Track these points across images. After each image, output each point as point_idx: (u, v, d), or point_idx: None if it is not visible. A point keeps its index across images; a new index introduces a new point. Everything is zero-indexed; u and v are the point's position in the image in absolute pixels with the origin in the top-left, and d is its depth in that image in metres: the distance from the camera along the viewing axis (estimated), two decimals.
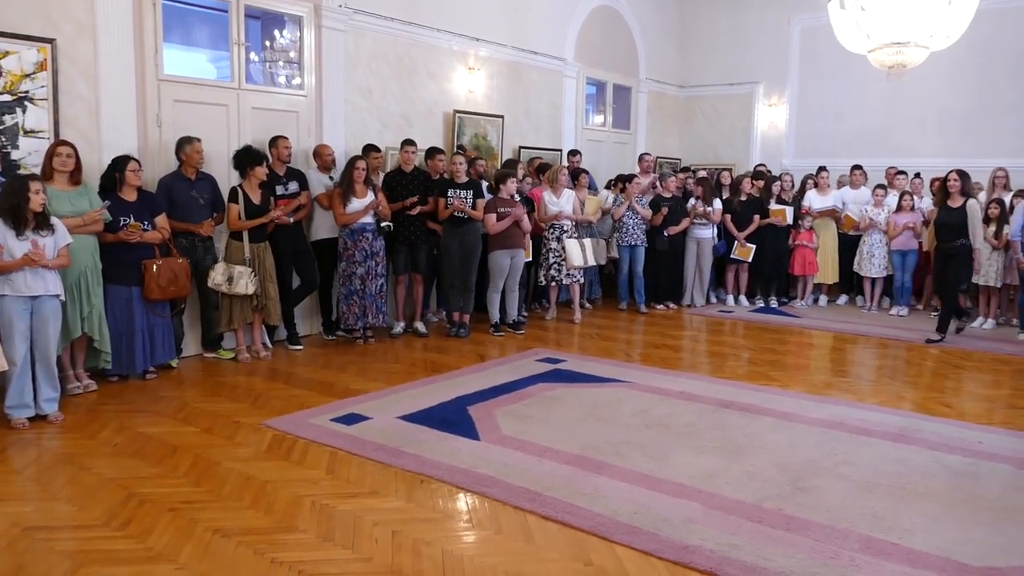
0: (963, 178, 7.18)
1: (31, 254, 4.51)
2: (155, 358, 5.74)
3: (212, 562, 3.10)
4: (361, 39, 7.53)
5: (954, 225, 7.16)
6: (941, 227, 7.31)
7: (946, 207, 7.27)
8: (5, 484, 3.83)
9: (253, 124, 6.71)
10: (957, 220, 7.14)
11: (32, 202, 4.53)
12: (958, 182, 7.17)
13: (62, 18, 5.50)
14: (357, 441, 4.46)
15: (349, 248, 6.76)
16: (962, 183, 7.17)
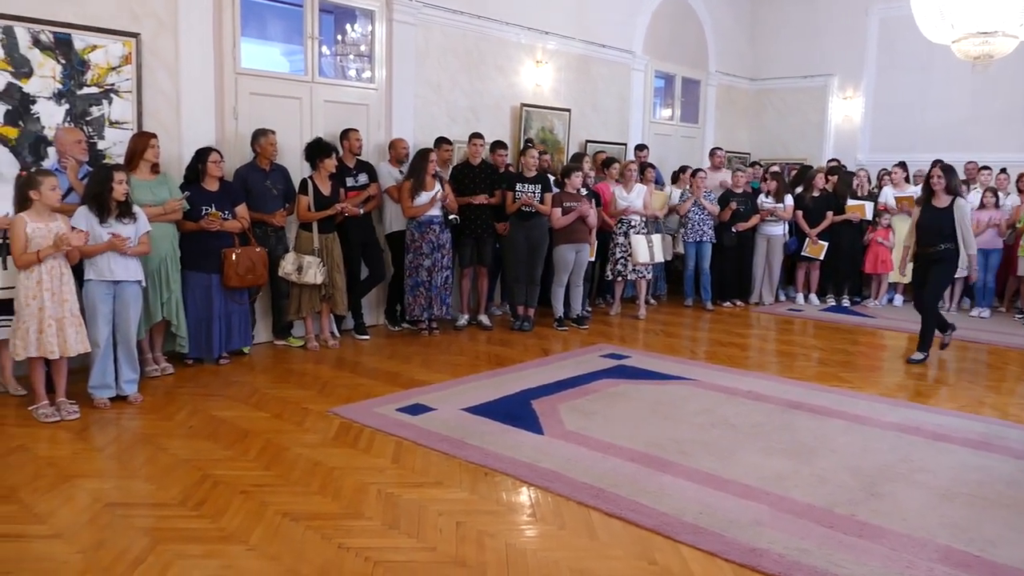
0: (948, 174, 6.28)
1: (114, 239, 4.68)
2: (231, 344, 5.91)
3: (281, 545, 3.17)
4: (430, 33, 7.59)
5: (939, 228, 6.23)
6: (924, 230, 6.36)
7: (930, 207, 6.36)
8: (88, 461, 4.00)
9: (325, 117, 6.83)
10: (943, 222, 6.22)
11: (116, 191, 4.69)
12: (943, 179, 6.27)
13: (145, 13, 5.69)
14: (422, 431, 4.50)
15: (416, 240, 6.83)
16: (947, 180, 6.26)
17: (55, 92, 5.33)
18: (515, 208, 7.13)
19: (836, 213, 8.91)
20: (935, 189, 6.32)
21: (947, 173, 6.29)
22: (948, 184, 6.26)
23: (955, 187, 6.30)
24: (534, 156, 7.23)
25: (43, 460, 3.96)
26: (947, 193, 6.27)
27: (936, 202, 6.33)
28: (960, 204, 6.27)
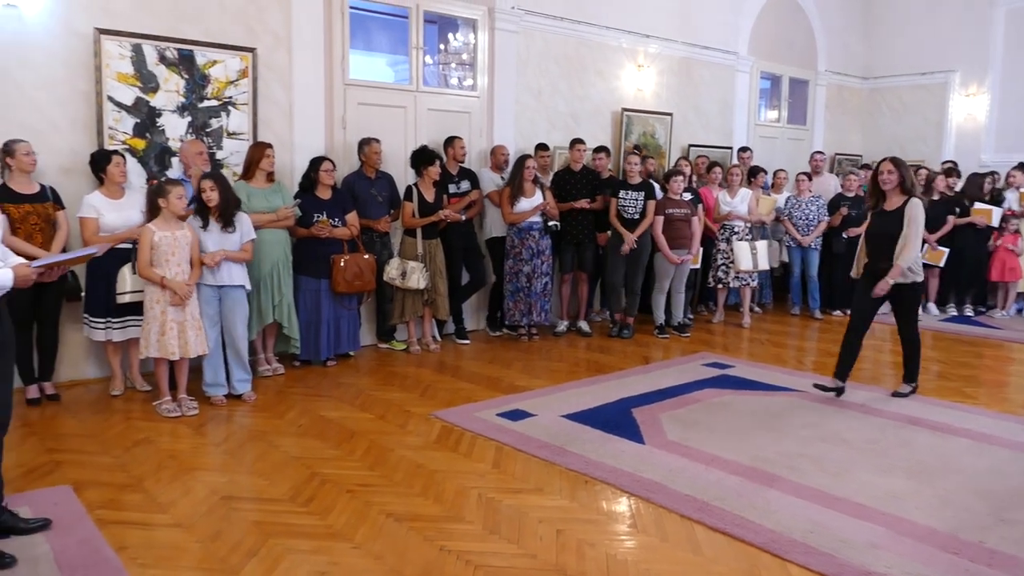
0: (900, 169, 5.11)
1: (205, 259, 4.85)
2: (339, 347, 6.09)
3: (385, 544, 3.23)
4: (532, 40, 7.62)
5: (891, 237, 5.09)
6: (873, 240, 5.26)
7: (880, 212, 5.23)
8: (205, 455, 4.20)
9: (428, 125, 6.96)
10: (894, 228, 5.10)
11: (208, 199, 4.88)
12: (894, 174, 5.10)
13: (262, 29, 5.95)
14: (522, 437, 4.51)
15: (516, 246, 6.87)
16: (900, 175, 5.09)
17: (178, 105, 5.64)
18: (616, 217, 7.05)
19: (959, 216, 8.41)
20: (884, 188, 5.16)
21: (899, 168, 5.12)
22: (901, 181, 5.10)
23: (910, 185, 5.13)
24: (636, 162, 7.13)
25: (165, 453, 4.18)
26: (901, 193, 5.13)
27: (887, 205, 5.18)
28: (913, 205, 5.05)
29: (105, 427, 4.56)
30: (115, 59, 5.32)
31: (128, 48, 5.37)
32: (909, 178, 5.12)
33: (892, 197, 5.15)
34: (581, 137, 7.41)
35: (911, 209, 5.04)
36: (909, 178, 5.12)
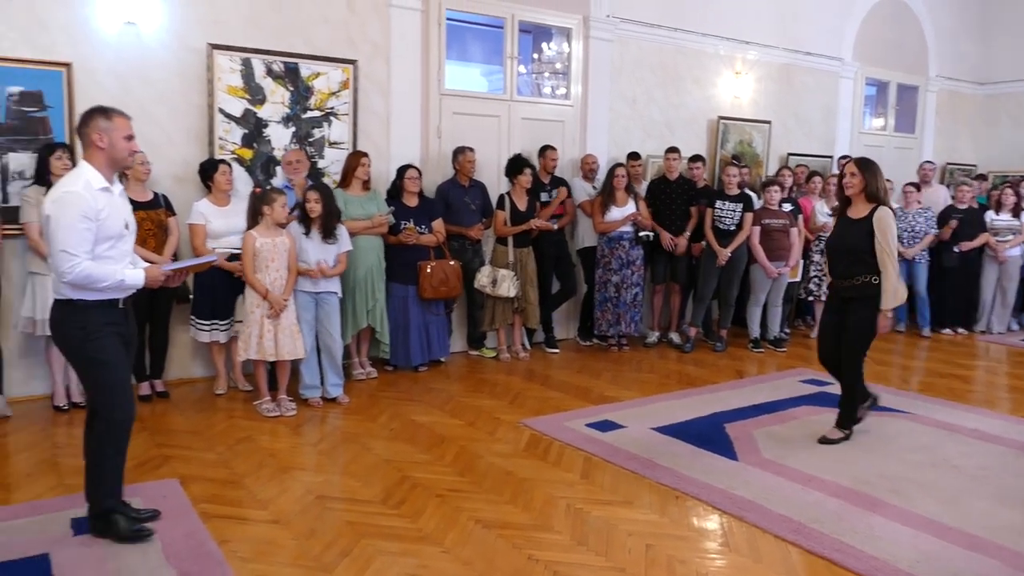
0: (865, 171, 4.42)
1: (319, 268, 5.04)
2: (430, 353, 6.18)
3: (474, 550, 3.25)
4: (626, 48, 7.57)
5: (853, 250, 4.44)
6: (834, 253, 4.64)
7: (845, 219, 4.57)
8: (302, 455, 4.33)
9: (522, 134, 7.01)
10: (859, 241, 4.42)
11: (311, 210, 5.05)
12: (856, 177, 4.43)
13: (362, 41, 6.12)
14: (611, 448, 4.46)
15: (606, 255, 6.82)
16: (864, 180, 4.41)
17: (283, 116, 5.86)
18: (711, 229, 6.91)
19: None
20: (848, 193, 4.52)
21: (864, 171, 4.42)
22: (866, 186, 4.41)
23: (876, 190, 4.42)
24: (734, 174, 6.95)
25: (265, 451, 4.33)
26: (867, 200, 4.46)
27: (851, 212, 4.53)
28: (882, 215, 4.37)
29: (209, 424, 4.76)
30: (226, 73, 5.58)
31: (238, 62, 5.62)
32: (875, 183, 4.40)
33: (857, 204, 4.48)
34: (676, 146, 7.30)
35: (879, 220, 4.34)
36: (875, 183, 4.40)
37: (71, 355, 3.17)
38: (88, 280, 3.01)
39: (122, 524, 3.21)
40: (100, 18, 5.15)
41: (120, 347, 3.18)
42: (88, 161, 3.11)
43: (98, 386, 3.17)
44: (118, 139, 3.12)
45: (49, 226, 3.01)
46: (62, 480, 3.86)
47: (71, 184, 3.04)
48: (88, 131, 3.10)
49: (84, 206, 2.99)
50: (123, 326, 3.21)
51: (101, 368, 3.12)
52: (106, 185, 3.10)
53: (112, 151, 3.12)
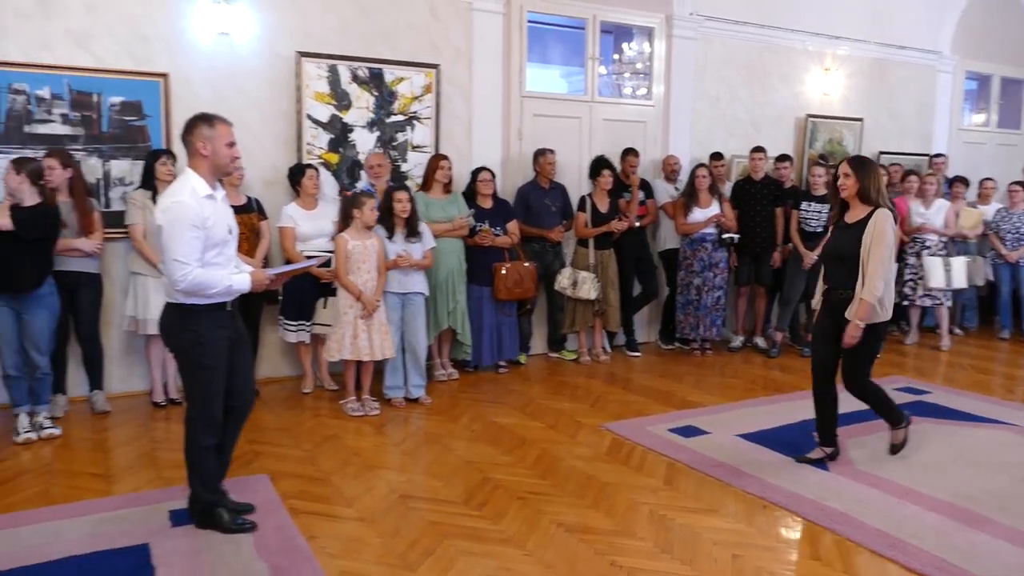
0: (860, 171, 3.99)
1: (399, 257, 5.11)
2: (503, 354, 6.19)
3: (556, 554, 3.23)
4: (710, 46, 7.42)
5: (848, 257, 4.02)
6: (828, 261, 4.24)
7: (841, 224, 4.17)
8: (386, 454, 4.40)
9: (603, 135, 6.95)
10: (849, 247, 4.02)
11: (396, 210, 5.13)
12: (850, 178, 4.01)
13: (445, 45, 6.19)
14: (695, 455, 4.37)
15: (688, 257, 6.70)
16: (859, 181, 3.98)
17: (368, 121, 5.97)
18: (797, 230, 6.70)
19: None
20: (842, 195, 4.09)
21: (859, 171, 4.00)
22: (861, 187, 3.98)
23: (872, 191, 3.98)
24: (820, 174, 6.71)
25: (350, 450, 4.42)
26: (862, 202, 4.03)
27: (848, 216, 4.12)
28: (878, 219, 3.94)
29: (297, 422, 4.89)
30: (314, 79, 5.72)
31: (325, 69, 5.76)
32: (871, 184, 3.97)
33: (854, 207, 4.07)
34: (761, 145, 7.11)
35: (876, 224, 3.92)
36: (871, 184, 3.97)
37: (179, 356, 3.30)
38: (199, 287, 3.13)
39: (225, 517, 3.34)
40: (196, 30, 5.36)
41: (225, 353, 3.29)
42: (193, 169, 3.21)
43: (198, 388, 3.29)
44: (220, 146, 3.21)
45: (161, 236, 3.13)
46: (160, 473, 4.02)
47: (178, 194, 3.15)
48: (192, 139, 3.20)
49: (191, 215, 3.09)
50: (230, 328, 3.33)
51: (204, 372, 3.25)
52: (210, 192, 3.21)
53: (215, 158, 3.21)
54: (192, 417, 3.31)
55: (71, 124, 5.06)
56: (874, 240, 3.91)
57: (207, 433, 3.31)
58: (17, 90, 4.88)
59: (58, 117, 5.02)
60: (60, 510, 3.55)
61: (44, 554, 3.11)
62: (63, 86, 5.01)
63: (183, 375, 3.34)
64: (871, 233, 3.92)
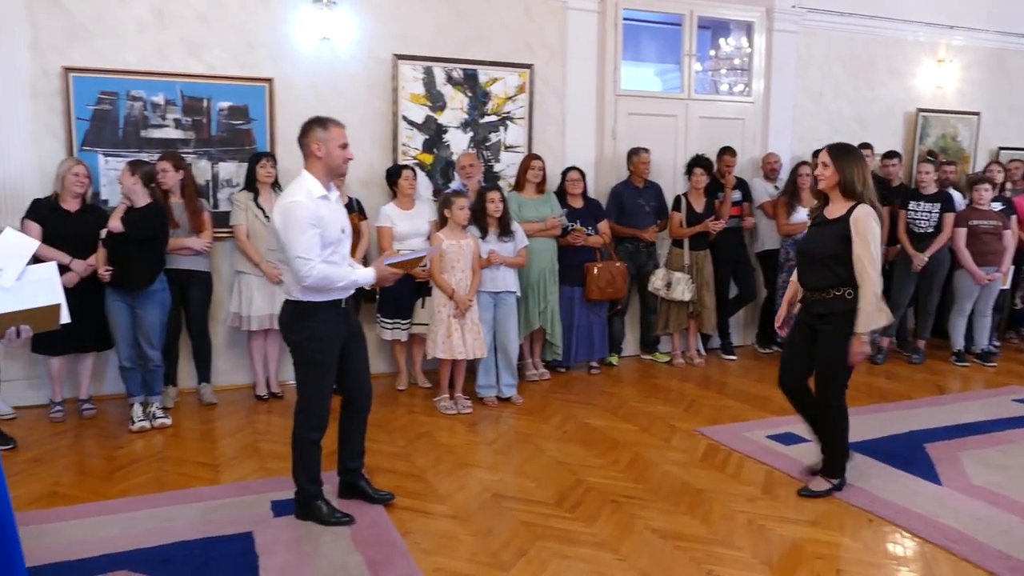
0: (838, 160, 3.57)
1: (491, 255, 5.13)
2: (593, 354, 6.14)
3: (651, 560, 3.17)
4: (813, 39, 7.15)
5: (823, 255, 3.64)
6: (803, 260, 3.82)
7: (820, 220, 3.73)
8: (478, 453, 4.42)
9: (699, 133, 6.80)
10: (826, 246, 3.63)
11: (488, 209, 5.14)
12: (829, 168, 3.60)
13: (539, 45, 6.18)
14: (795, 463, 4.21)
15: (791, 259, 6.46)
16: (840, 171, 3.57)
17: (462, 122, 6.03)
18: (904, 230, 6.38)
19: None
20: (821, 187, 3.70)
21: (839, 159, 3.58)
22: (842, 178, 3.58)
23: (854, 183, 3.56)
24: (928, 171, 6.37)
25: (443, 447, 4.46)
26: (843, 196, 3.62)
27: (828, 211, 3.70)
28: (860, 215, 3.52)
29: (392, 419, 4.97)
30: (409, 81, 5.82)
31: (420, 71, 5.84)
32: (853, 175, 3.55)
33: (835, 201, 3.66)
34: (868, 142, 6.80)
35: (857, 221, 3.51)
36: (853, 175, 3.55)
37: (294, 350, 3.42)
38: (325, 281, 3.24)
39: (324, 510, 3.44)
40: (299, 35, 5.53)
41: (337, 350, 3.40)
42: (308, 170, 3.33)
43: (309, 382, 3.39)
44: (334, 148, 3.31)
45: (281, 237, 3.24)
46: (263, 464, 4.16)
47: (295, 194, 3.26)
48: (307, 141, 3.31)
49: (308, 214, 3.20)
50: (345, 325, 3.44)
51: (316, 367, 3.36)
52: (325, 193, 3.31)
53: (329, 159, 3.31)
54: (301, 410, 3.42)
55: (183, 128, 5.30)
56: (859, 240, 3.49)
57: (314, 427, 3.42)
58: (135, 97, 5.16)
59: (171, 122, 5.27)
60: (171, 496, 3.72)
61: (157, 538, 3.27)
62: (176, 92, 5.25)
63: (296, 369, 3.44)
64: (854, 232, 3.50)
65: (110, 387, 5.24)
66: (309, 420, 3.41)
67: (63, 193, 4.69)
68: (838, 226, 3.57)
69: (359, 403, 3.61)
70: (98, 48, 5.06)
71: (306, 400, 3.41)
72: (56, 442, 4.47)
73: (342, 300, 3.38)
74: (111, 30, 5.08)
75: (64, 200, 4.70)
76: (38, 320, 2.44)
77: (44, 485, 3.84)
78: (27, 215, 4.65)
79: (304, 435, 3.42)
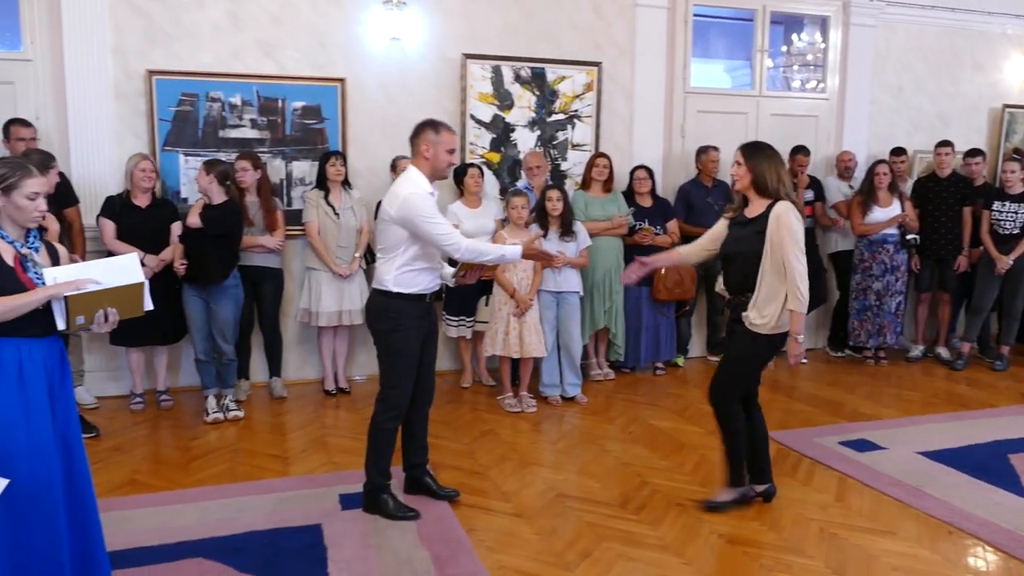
0: (753, 160, 3.44)
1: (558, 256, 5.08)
2: (659, 355, 6.07)
3: (718, 566, 3.11)
4: (892, 33, 6.92)
5: (743, 256, 3.47)
6: (726, 262, 3.64)
7: (741, 220, 3.55)
8: (542, 452, 4.41)
9: (770, 131, 6.63)
10: (747, 245, 3.45)
11: (553, 208, 5.13)
12: (742, 167, 3.46)
13: (607, 43, 6.14)
14: (869, 471, 4.08)
15: (866, 260, 6.27)
16: (752, 170, 3.44)
17: (529, 120, 6.03)
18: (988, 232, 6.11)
19: None
20: (736, 188, 3.57)
21: (752, 157, 3.46)
22: (755, 176, 3.44)
23: (768, 181, 3.41)
24: (1014, 170, 6.08)
25: (507, 445, 4.47)
26: (759, 194, 3.46)
27: (747, 211, 3.54)
28: (779, 212, 3.36)
29: (456, 416, 5.01)
30: (478, 80, 5.85)
31: (489, 70, 5.86)
32: (766, 173, 3.42)
33: (752, 201, 3.51)
34: (949, 139, 6.54)
35: (778, 219, 3.35)
36: (766, 173, 3.42)
37: (377, 339, 3.52)
38: (476, 251, 3.40)
39: (391, 504, 3.50)
40: (370, 36, 5.61)
41: (418, 341, 3.48)
42: (416, 167, 3.45)
43: (390, 370, 3.48)
44: (441, 152, 3.42)
45: (412, 226, 3.31)
46: (331, 458, 4.24)
47: (409, 186, 3.37)
48: (418, 141, 3.43)
49: (429, 201, 3.34)
50: (426, 320, 3.51)
51: (398, 357, 3.44)
52: (431, 190, 3.43)
53: (435, 162, 3.43)
54: (381, 399, 3.51)
55: (258, 128, 5.44)
56: (781, 239, 3.33)
57: (392, 416, 3.49)
58: (214, 98, 5.31)
59: (248, 122, 5.41)
60: (243, 487, 3.82)
61: (230, 527, 3.36)
62: (253, 93, 5.39)
63: (379, 359, 3.54)
64: (774, 230, 3.35)
65: (186, 379, 5.42)
66: (387, 409, 3.49)
67: (133, 189, 4.86)
68: (758, 224, 3.44)
69: (422, 399, 3.65)
70: (176, 51, 5.24)
71: (387, 389, 3.50)
72: (135, 432, 4.65)
73: (426, 295, 3.47)
74: (188, 33, 5.25)
75: (135, 196, 4.86)
76: (125, 303, 2.53)
77: (124, 473, 4.00)
78: (101, 213, 4.83)
79: (380, 423, 3.50)
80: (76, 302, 2.43)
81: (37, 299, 2.41)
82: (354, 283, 5.33)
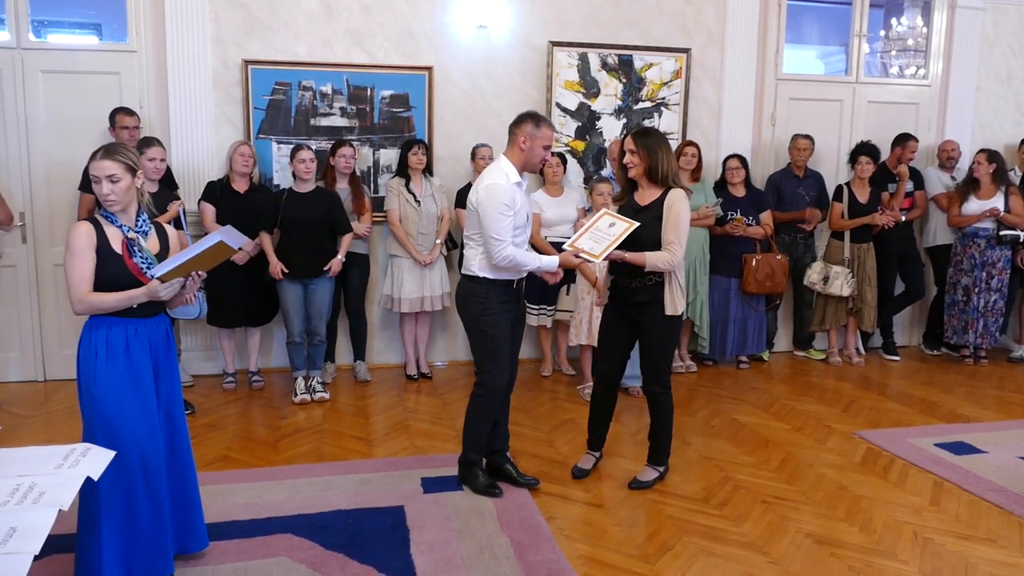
0: (646, 148, 3.48)
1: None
2: (745, 349, 5.94)
3: (805, 565, 3.03)
4: (1003, 16, 6.54)
5: (641, 241, 3.45)
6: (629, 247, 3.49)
7: (634, 207, 3.58)
8: (622, 443, 4.36)
9: (867, 119, 6.40)
10: (648, 232, 3.45)
11: None
12: (636, 155, 3.50)
13: (697, 29, 6.01)
14: (968, 475, 3.90)
15: (958, 254, 5.99)
16: (646, 153, 3.48)
17: (615, 108, 5.96)
18: None
19: None
20: (630, 175, 3.57)
21: (645, 145, 3.48)
22: (650, 162, 3.48)
23: (660, 169, 3.47)
24: None
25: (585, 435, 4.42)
26: (651, 182, 3.53)
27: (639, 197, 3.60)
28: (673, 199, 3.46)
29: (536, 404, 5.02)
30: (564, 68, 5.81)
31: (575, 57, 5.82)
32: (658, 161, 3.47)
33: (643, 188, 3.59)
34: None
35: (671, 206, 3.46)
36: (658, 161, 3.47)
37: (467, 323, 3.59)
38: (513, 263, 3.40)
39: (480, 479, 3.60)
40: (457, 24, 5.64)
41: (507, 325, 3.54)
42: (507, 157, 3.48)
43: (483, 353, 3.55)
44: (538, 146, 3.45)
45: (478, 215, 3.39)
46: (413, 442, 4.32)
47: (495, 177, 3.42)
48: (517, 131, 3.46)
49: (506, 197, 3.36)
50: (513, 304, 3.56)
51: (488, 340, 3.50)
52: (519, 180, 3.46)
53: (529, 155, 3.46)
54: (478, 383, 3.59)
55: (348, 116, 5.55)
56: (670, 223, 3.45)
57: (489, 399, 3.57)
58: (305, 87, 5.45)
59: (338, 110, 5.53)
60: (329, 467, 3.93)
61: (317, 505, 3.46)
62: (343, 82, 5.51)
63: (472, 343, 3.63)
64: (667, 215, 3.46)
65: (276, 361, 5.60)
66: (484, 392, 3.56)
67: (232, 174, 5.03)
68: (652, 211, 3.53)
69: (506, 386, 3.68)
70: (271, 41, 5.39)
71: (482, 372, 3.57)
72: (228, 410, 4.83)
73: (513, 281, 3.50)
74: (284, 23, 5.39)
75: (234, 180, 5.04)
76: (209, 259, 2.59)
77: (218, 449, 4.16)
78: (202, 197, 5.03)
79: (477, 405, 3.59)
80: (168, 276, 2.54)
81: (136, 299, 2.53)
82: (435, 270, 5.40)
